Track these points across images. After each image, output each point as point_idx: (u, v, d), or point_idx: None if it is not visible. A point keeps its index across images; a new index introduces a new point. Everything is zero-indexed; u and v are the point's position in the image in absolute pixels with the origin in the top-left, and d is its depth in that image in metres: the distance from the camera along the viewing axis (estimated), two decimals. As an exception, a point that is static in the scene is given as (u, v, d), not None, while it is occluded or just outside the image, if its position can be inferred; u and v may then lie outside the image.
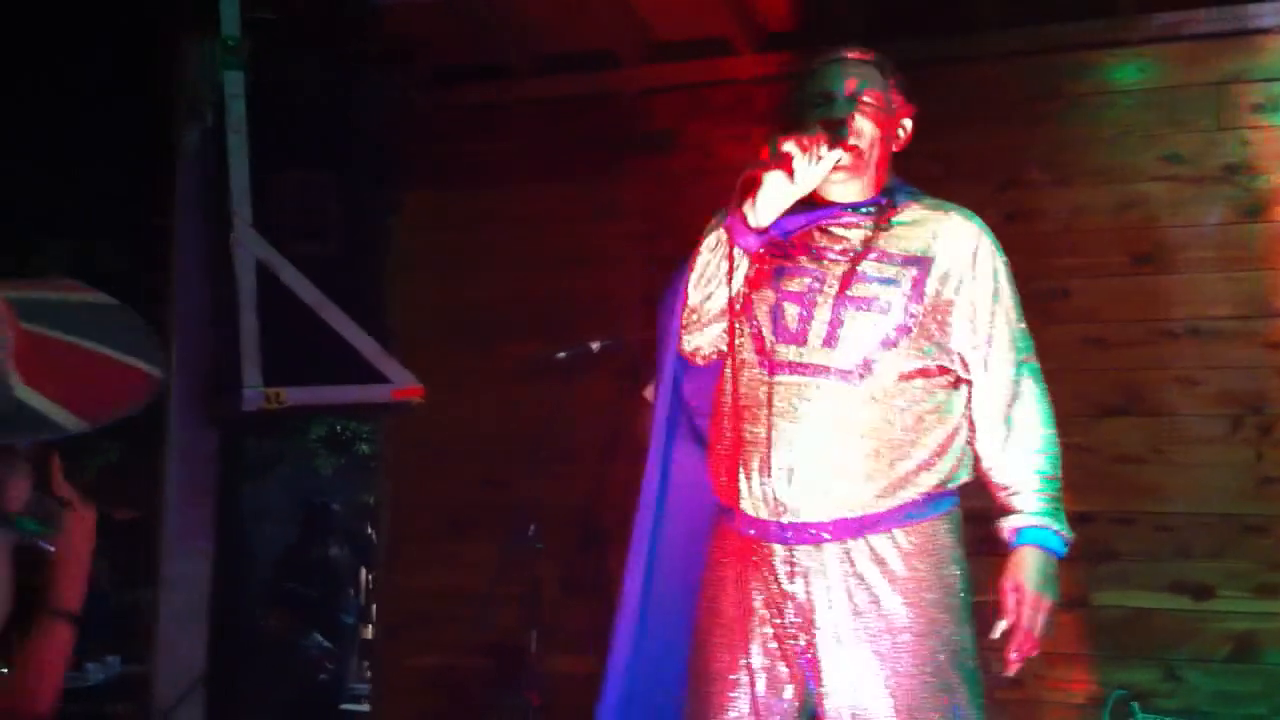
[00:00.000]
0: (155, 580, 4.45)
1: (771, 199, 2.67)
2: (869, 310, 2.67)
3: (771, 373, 2.69)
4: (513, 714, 4.22)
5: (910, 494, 2.64)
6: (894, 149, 2.87)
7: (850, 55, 2.86)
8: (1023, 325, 2.81)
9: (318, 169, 4.35)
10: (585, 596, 4.53)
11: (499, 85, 5.45)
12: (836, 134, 2.69)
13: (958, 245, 2.75)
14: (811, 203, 2.77)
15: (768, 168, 2.63)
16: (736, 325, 2.73)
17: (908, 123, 2.89)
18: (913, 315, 2.68)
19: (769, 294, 2.75)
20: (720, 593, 2.76)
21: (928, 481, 2.66)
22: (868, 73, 2.83)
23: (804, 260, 2.77)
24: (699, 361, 2.83)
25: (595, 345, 4.01)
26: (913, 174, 2.92)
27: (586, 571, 4.13)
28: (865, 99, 2.79)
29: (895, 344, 2.66)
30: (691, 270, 2.78)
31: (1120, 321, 4.54)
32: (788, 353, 2.69)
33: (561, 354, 4.03)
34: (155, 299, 4.33)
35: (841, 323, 2.66)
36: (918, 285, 2.69)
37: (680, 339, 2.82)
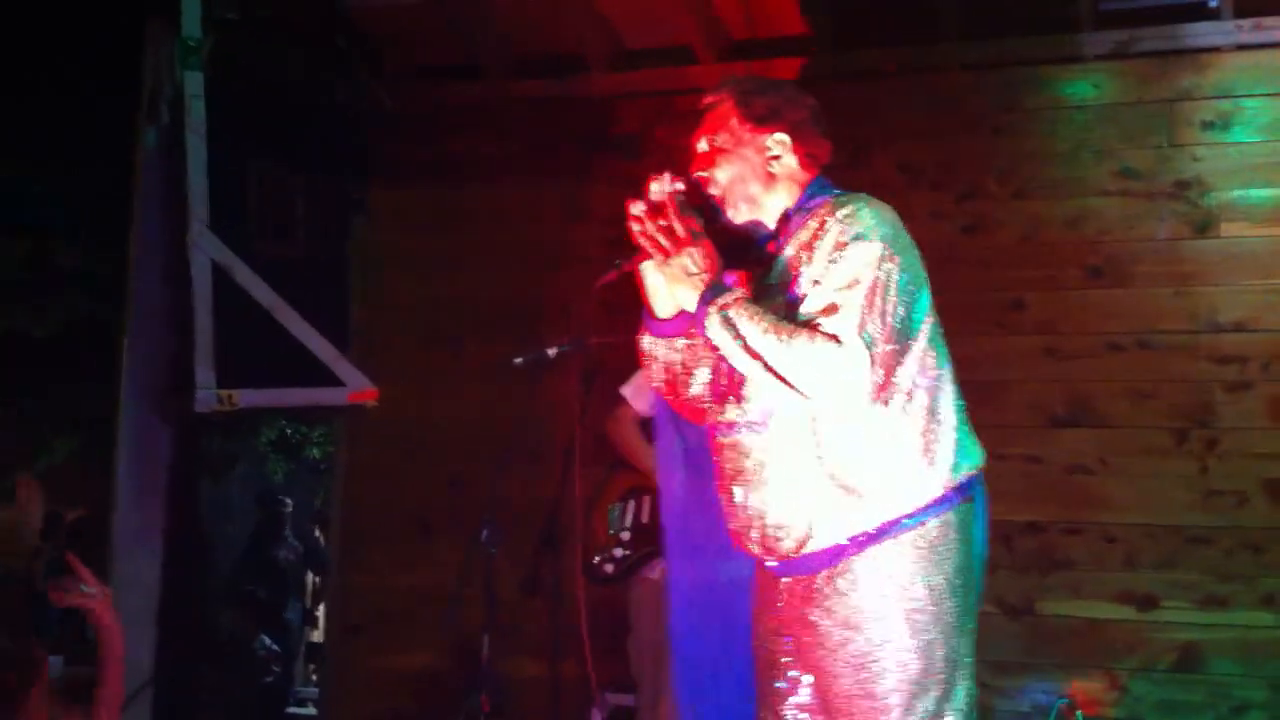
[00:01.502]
0: (105, 580, 4.41)
1: (653, 287, 2.74)
2: None
3: (712, 433, 2.78)
4: (465, 717, 4.21)
5: (864, 525, 2.60)
6: (779, 168, 2.76)
7: (704, 103, 2.83)
8: (845, 298, 2.55)
9: (282, 169, 4.33)
10: (544, 599, 4.53)
11: (468, 86, 5.45)
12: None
13: (822, 248, 2.61)
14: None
15: (631, 263, 2.71)
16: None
17: (780, 136, 2.75)
18: None
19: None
20: (755, 623, 2.86)
21: (885, 505, 2.61)
22: (716, 116, 2.79)
23: None
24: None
25: (552, 351, 4.01)
26: (877, 184, 2.92)
27: (545, 573, 4.12)
28: (714, 143, 2.77)
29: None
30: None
31: (1073, 334, 4.59)
32: (721, 414, 2.75)
33: (518, 360, 4.03)
34: (111, 297, 4.31)
35: (746, 378, 2.67)
36: (791, 309, 2.62)
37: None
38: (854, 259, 2.57)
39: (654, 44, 5.21)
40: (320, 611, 8.98)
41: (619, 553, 4.15)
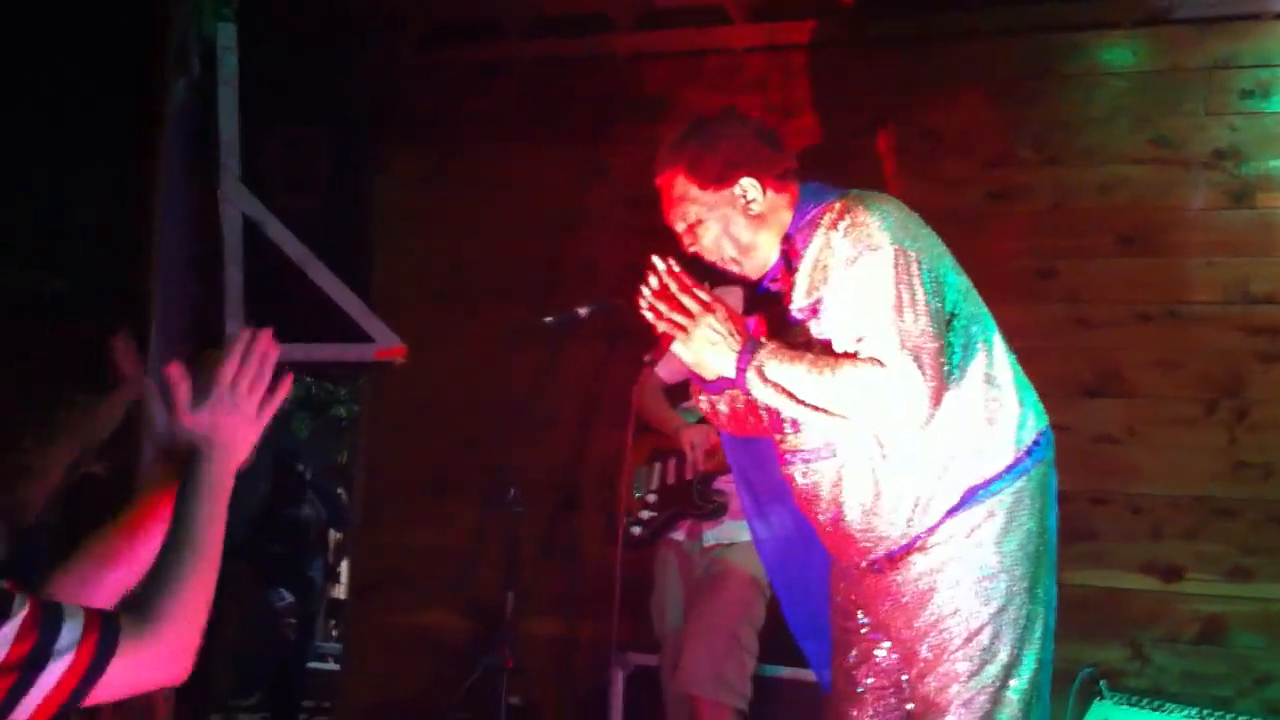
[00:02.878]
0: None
1: (691, 362, 2.76)
2: None
3: (781, 462, 2.85)
4: (487, 675, 4.23)
5: (943, 510, 2.66)
6: (758, 207, 2.75)
7: (658, 183, 2.83)
8: (875, 318, 2.57)
9: (307, 125, 4.32)
10: (562, 560, 4.55)
11: (491, 46, 5.42)
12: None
13: (843, 270, 2.62)
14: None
15: (659, 353, 2.77)
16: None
17: (744, 181, 2.74)
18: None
19: None
20: (832, 590, 2.98)
21: (961, 487, 2.66)
22: (676, 195, 2.79)
23: None
24: None
25: (583, 311, 4.00)
26: (902, 151, 2.90)
27: (564, 535, 4.14)
28: (687, 219, 2.77)
29: None
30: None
31: (1103, 302, 4.56)
32: (780, 443, 2.82)
33: (549, 319, 4.02)
34: (138, 251, 4.30)
35: None
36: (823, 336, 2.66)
37: None
38: (870, 274, 2.57)
39: (681, 2, 5.15)
40: (343, 568, 9.04)
41: (645, 515, 4.16)
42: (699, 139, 2.80)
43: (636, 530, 4.17)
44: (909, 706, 2.78)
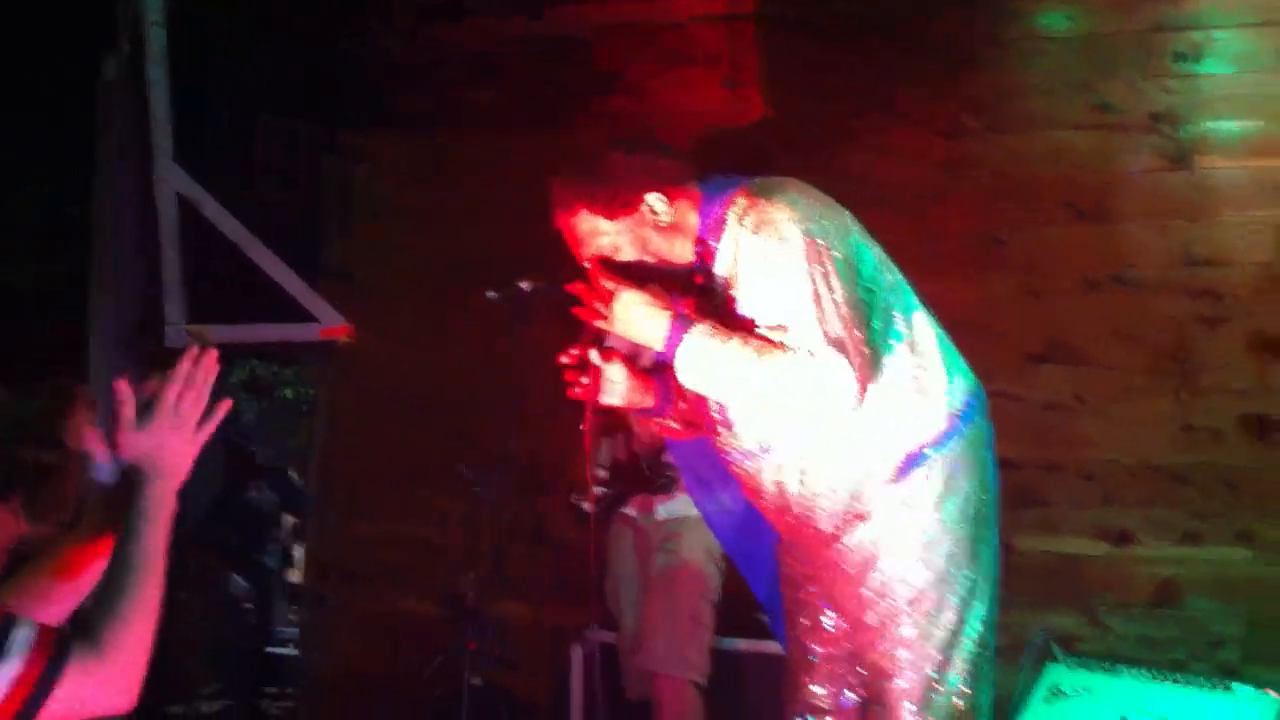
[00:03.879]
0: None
1: (617, 384, 2.84)
2: None
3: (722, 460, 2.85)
4: (448, 656, 4.21)
5: (883, 474, 2.68)
6: (667, 218, 2.71)
7: (559, 223, 2.83)
8: (795, 314, 2.55)
9: (251, 104, 4.26)
10: (526, 544, 4.53)
11: (445, 27, 5.34)
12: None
13: (753, 261, 2.61)
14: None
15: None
16: None
17: (647, 199, 2.69)
18: None
19: None
20: (780, 564, 3.00)
21: (898, 459, 2.68)
22: (585, 228, 2.76)
23: None
24: None
25: (525, 285, 3.96)
26: (857, 125, 2.88)
27: (528, 519, 4.12)
28: (601, 248, 2.74)
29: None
30: None
31: (1051, 271, 4.57)
32: (718, 440, 2.81)
33: (492, 294, 3.98)
34: (75, 233, 4.23)
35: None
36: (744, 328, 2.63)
37: None
38: (784, 269, 2.54)
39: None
40: (298, 553, 8.97)
41: (597, 491, 4.15)
42: (593, 173, 2.77)
43: (586, 506, 4.16)
44: (861, 672, 2.80)
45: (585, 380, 2.77)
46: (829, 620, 2.84)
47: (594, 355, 2.78)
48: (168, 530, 1.92)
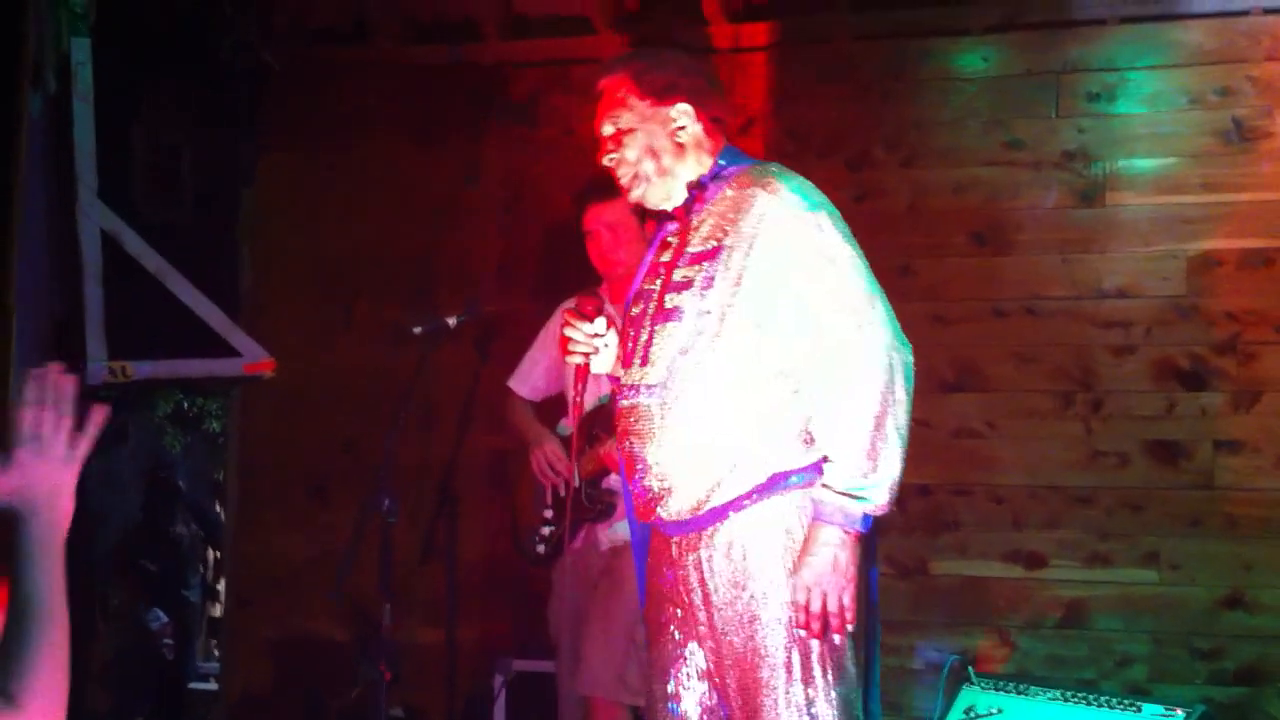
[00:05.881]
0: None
1: (599, 364, 2.92)
2: (670, 321, 2.72)
3: (616, 398, 2.87)
4: (365, 686, 4.20)
5: (753, 482, 2.65)
6: (686, 136, 2.78)
7: (599, 88, 2.87)
8: (851, 277, 2.63)
9: (168, 133, 4.27)
10: (440, 564, 4.54)
11: (363, 49, 5.38)
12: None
13: (753, 224, 2.66)
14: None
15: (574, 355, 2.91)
16: None
17: (682, 106, 2.77)
18: (705, 314, 2.67)
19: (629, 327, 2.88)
20: (648, 585, 2.91)
21: (773, 464, 2.65)
22: (616, 99, 2.82)
23: (646, 283, 2.86)
24: None
25: (452, 320, 4.01)
26: (770, 150, 2.97)
27: (443, 541, 4.14)
28: (618, 125, 2.80)
29: (690, 349, 2.67)
30: None
31: (959, 300, 4.69)
32: (623, 376, 2.82)
33: (418, 329, 4.03)
34: (-4, 268, 4.21)
35: (654, 341, 2.73)
36: (707, 283, 2.67)
37: None
38: (818, 233, 2.63)
39: (548, 11, 5.20)
40: (220, 586, 8.89)
41: (546, 530, 4.18)
42: (651, 56, 2.90)
43: (541, 548, 4.20)
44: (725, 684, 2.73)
45: (583, 347, 2.88)
46: (696, 644, 2.76)
47: (600, 323, 2.89)
48: (60, 565, 1.78)
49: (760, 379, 2.66)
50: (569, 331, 2.89)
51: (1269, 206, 4.46)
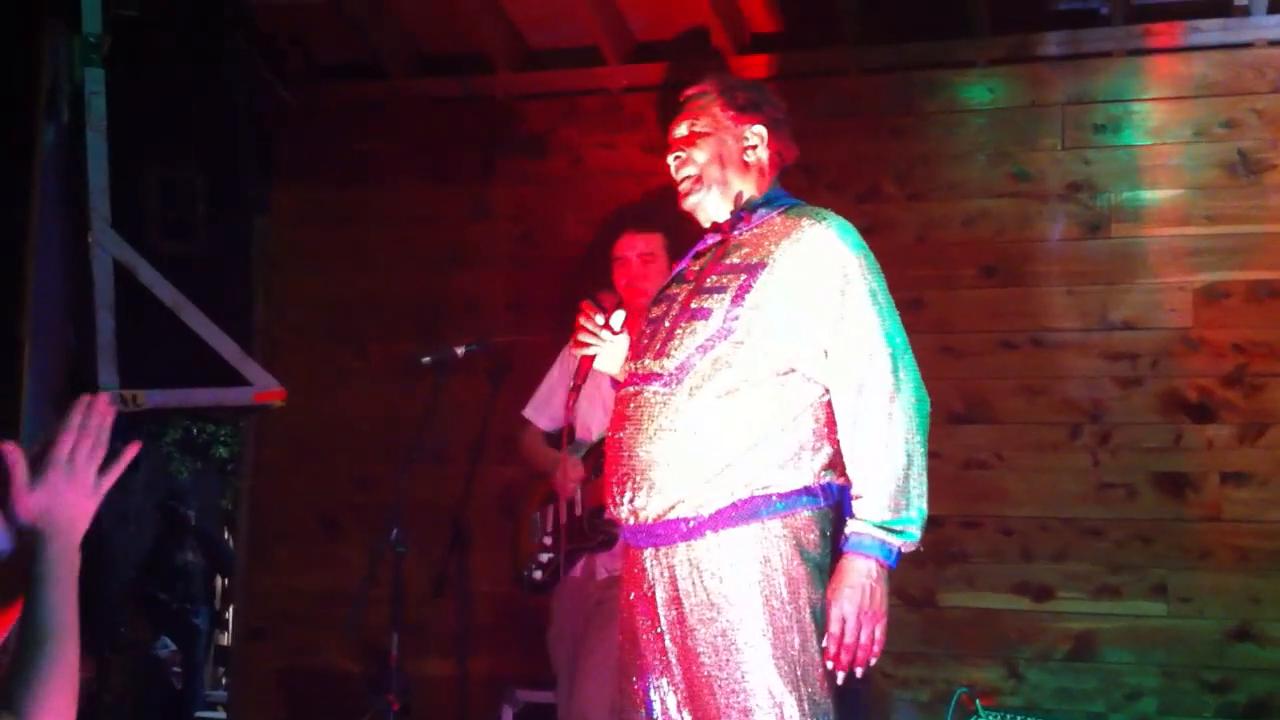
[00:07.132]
0: None
1: (604, 361, 3.06)
2: (697, 319, 2.74)
3: (617, 387, 2.92)
4: (374, 718, 4.21)
5: (733, 496, 2.65)
6: (753, 157, 2.90)
7: (686, 94, 3.00)
8: (883, 322, 2.70)
9: (182, 167, 4.30)
10: (451, 598, 4.54)
11: (372, 85, 5.45)
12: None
13: (795, 247, 2.73)
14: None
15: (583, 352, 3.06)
16: None
17: (758, 129, 2.91)
18: (733, 319, 2.69)
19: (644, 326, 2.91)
20: (624, 602, 2.86)
21: (756, 482, 2.65)
22: (699, 105, 2.94)
23: (672, 288, 2.92)
24: None
25: (460, 350, 4.04)
26: (785, 183, 3.00)
27: (453, 572, 4.15)
28: (694, 128, 2.92)
29: (711, 348, 2.69)
30: None
31: (968, 332, 4.70)
32: (631, 367, 2.85)
33: (426, 359, 4.05)
34: (10, 298, 4.24)
35: (674, 336, 2.76)
36: (742, 291, 2.71)
37: None
38: (854, 273, 2.72)
39: (559, 44, 5.24)
40: (230, 614, 8.91)
41: (544, 558, 4.19)
42: (741, 79, 3.17)
43: (538, 575, 4.20)
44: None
45: (593, 339, 3.02)
46: (668, 663, 2.72)
47: (617, 318, 3.03)
48: (74, 588, 1.81)
49: (765, 395, 2.68)
50: (584, 321, 3.00)
51: (1275, 238, 4.48)
